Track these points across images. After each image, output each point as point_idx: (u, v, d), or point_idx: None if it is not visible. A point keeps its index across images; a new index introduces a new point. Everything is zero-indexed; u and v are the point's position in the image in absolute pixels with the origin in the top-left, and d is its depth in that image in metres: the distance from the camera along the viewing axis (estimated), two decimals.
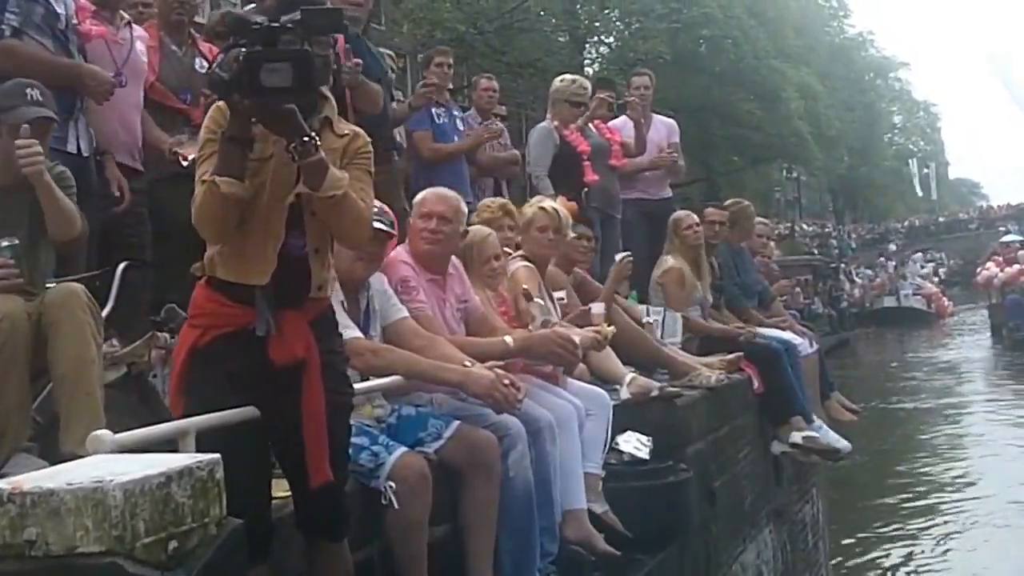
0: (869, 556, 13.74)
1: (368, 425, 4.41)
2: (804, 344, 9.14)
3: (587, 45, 37.62)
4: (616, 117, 9.84)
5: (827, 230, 65.29)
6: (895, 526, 14.96)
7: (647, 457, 6.04)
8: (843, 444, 8.42)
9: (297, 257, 3.43)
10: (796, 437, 8.12)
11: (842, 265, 53.68)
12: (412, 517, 4.16)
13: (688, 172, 42.24)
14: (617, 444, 6.04)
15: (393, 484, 4.14)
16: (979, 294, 48.62)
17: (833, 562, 11.77)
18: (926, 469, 18.45)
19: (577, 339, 5.33)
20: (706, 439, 6.84)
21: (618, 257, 7.06)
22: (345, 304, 4.47)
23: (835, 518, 13.39)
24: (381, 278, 4.76)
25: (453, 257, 5.31)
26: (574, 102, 8.93)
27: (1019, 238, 48.24)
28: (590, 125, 9.09)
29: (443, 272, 5.26)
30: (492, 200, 6.25)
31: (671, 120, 10.58)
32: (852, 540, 14.24)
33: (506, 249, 5.93)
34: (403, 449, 4.26)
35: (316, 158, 3.25)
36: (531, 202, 6.46)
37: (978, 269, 47.21)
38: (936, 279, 60.94)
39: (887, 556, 13.77)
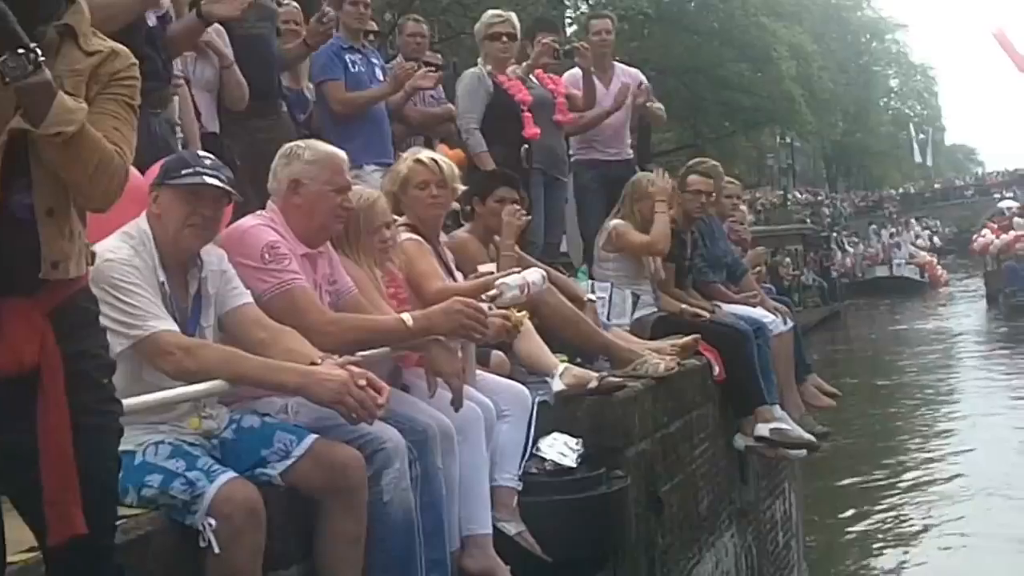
0: (852, 544, 13.07)
1: (191, 443, 3.51)
2: (776, 322, 8.23)
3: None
4: (571, 67, 8.80)
5: (820, 198, 64.45)
6: (880, 509, 14.32)
7: (574, 464, 5.13)
8: (811, 437, 7.55)
9: (22, 221, 2.54)
10: (762, 430, 7.23)
11: (833, 234, 52.98)
12: (237, 563, 3.27)
13: (675, 138, 41.74)
14: (539, 450, 5.14)
15: (213, 521, 3.25)
16: (975, 261, 48.18)
17: (813, 549, 11.00)
18: (914, 450, 17.83)
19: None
20: (652, 437, 5.93)
21: (505, 210, 6.06)
22: (167, 285, 3.58)
23: (815, 506, 12.66)
24: (220, 255, 3.84)
25: None
26: (492, 35, 7.86)
27: (1015, 204, 47.83)
28: (532, 76, 8.08)
29: (319, 246, 4.37)
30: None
31: (635, 70, 9.56)
32: (832, 525, 13.54)
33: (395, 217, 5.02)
34: (228, 475, 3.35)
35: (37, 79, 2.36)
36: (403, 156, 5.51)
37: (974, 236, 46.76)
38: (931, 247, 60.46)
39: (872, 542, 13.11)
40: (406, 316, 4.20)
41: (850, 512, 14.23)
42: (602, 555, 5.18)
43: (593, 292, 6.97)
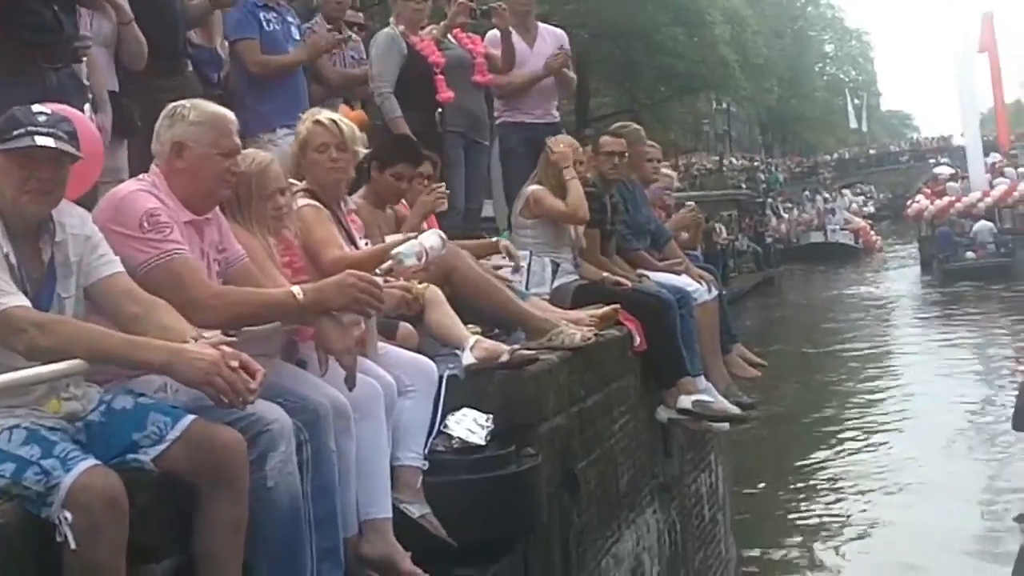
0: (783, 515, 13.02)
1: (50, 427, 3.24)
2: (701, 290, 8.00)
3: None
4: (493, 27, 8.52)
5: (755, 164, 64.70)
6: (812, 478, 14.33)
7: (483, 442, 4.88)
8: (735, 410, 7.37)
9: None
10: (685, 402, 7.02)
11: (768, 200, 53.19)
12: (96, 558, 3.01)
13: (613, 103, 41.49)
14: (447, 426, 4.89)
15: (69, 515, 2.98)
16: (909, 227, 48.61)
17: (742, 522, 10.91)
18: (848, 418, 17.88)
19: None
20: (567, 412, 5.67)
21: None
22: (13, 256, 3.29)
23: (744, 477, 12.58)
24: (82, 216, 3.56)
25: None
26: None
27: (950, 170, 48.20)
28: (450, 36, 7.81)
29: (206, 213, 4.08)
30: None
31: (559, 30, 9.28)
32: (762, 496, 13.49)
33: (292, 181, 4.74)
34: (87, 463, 3.08)
35: None
36: (303, 118, 5.23)
37: (908, 202, 47.12)
38: (866, 213, 60.94)
39: (803, 512, 13.09)
40: (296, 289, 3.92)
41: (782, 482, 14.20)
42: (512, 537, 4.94)
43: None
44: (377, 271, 4.33)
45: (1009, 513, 11.76)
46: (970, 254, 38.60)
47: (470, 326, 5.47)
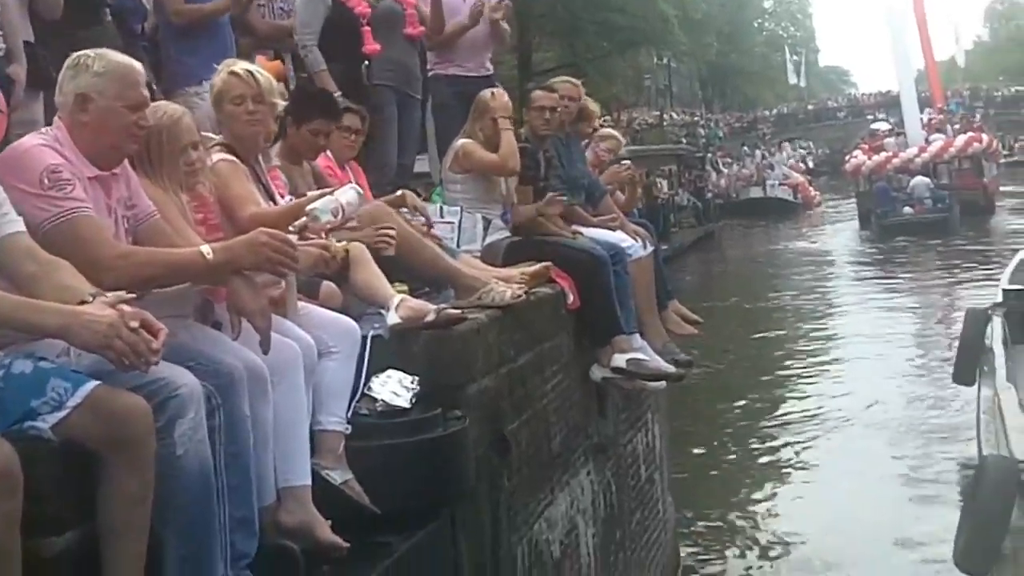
0: (722, 472, 13.04)
1: None
2: (636, 246, 7.86)
3: None
4: None
5: (696, 119, 64.76)
6: (751, 435, 14.34)
7: (408, 404, 4.74)
8: (670, 368, 7.27)
9: None
10: (619, 360, 6.90)
11: (708, 155, 53.28)
12: None
13: (556, 57, 41.37)
14: (371, 389, 4.73)
15: None
16: (847, 183, 48.95)
17: (680, 481, 10.88)
18: (788, 374, 17.91)
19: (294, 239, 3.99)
20: (497, 373, 5.51)
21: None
22: None
23: (683, 436, 12.57)
24: None
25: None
26: None
27: (887, 126, 48.50)
28: None
29: (112, 168, 3.88)
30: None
31: None
32: (701, 454, 13.50)
33: (207, 135, 4.55)
34: None
35: None
36: (218, 69, 5.02)
37: (846, 157, 47.38)
38: (804, 168, 61.24)
39: (742, 469, 13.12)
40: (205, 248, 3.74)
41: (721, 440, 14.22)
42: (438, 502, 4.79)
43: (442, 216, 6.62)
44: (290, 228, 4.16)
45: (946, 464, 11.92)
46: (907, 209, 38.84)
47: (396, 284, 5.31)
